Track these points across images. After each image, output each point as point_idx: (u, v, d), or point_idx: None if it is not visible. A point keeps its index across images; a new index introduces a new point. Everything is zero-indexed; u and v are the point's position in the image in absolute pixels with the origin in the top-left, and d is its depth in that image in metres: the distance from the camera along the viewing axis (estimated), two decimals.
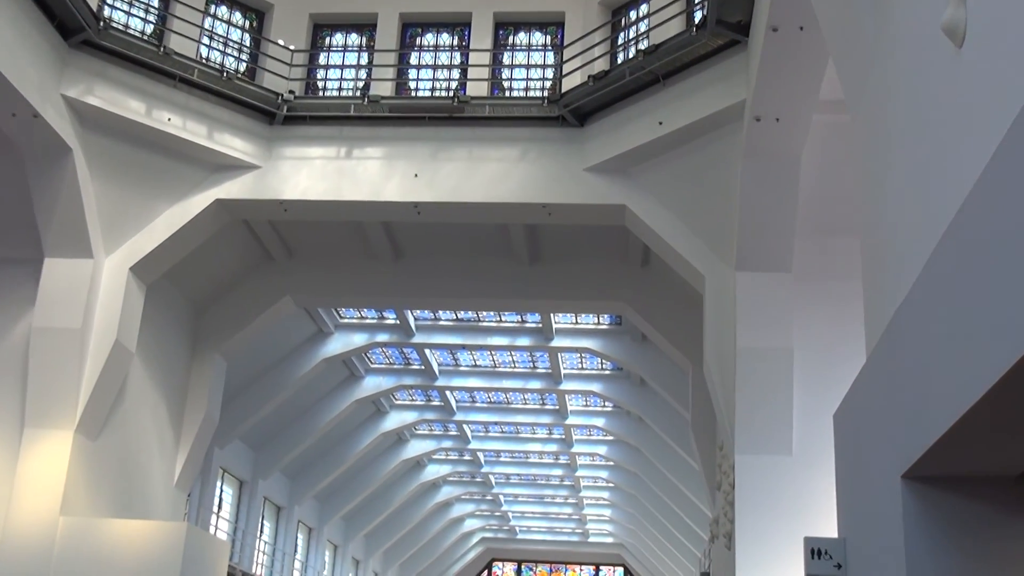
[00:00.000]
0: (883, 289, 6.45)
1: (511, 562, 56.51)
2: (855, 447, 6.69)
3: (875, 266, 6.73)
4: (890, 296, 6.18)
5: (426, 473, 39.82)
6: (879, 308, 6.51)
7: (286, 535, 33.05)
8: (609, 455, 36.12)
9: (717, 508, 16.00)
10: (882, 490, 5.82)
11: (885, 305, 6.29)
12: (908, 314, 5.44)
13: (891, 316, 5.85)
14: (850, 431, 6.86)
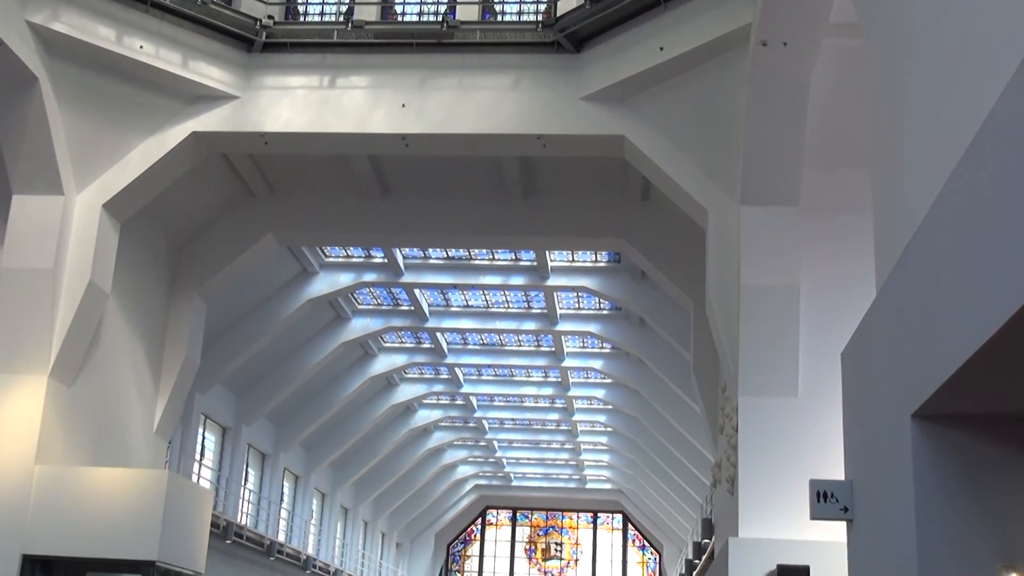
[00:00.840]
0: (894, 223, 6.48)
1: (506, 510, 57.11)
2: (863, 386, 6.77)
3: (886, 199, 6.75)
4: (901, 230, 6.21)
5: (417, 418, 40.09)
6: (889, 243, 6.55)
7: (272, 483, 33.34)
8: (607, 398, 36.37)
9: (720, 452, 16.15)
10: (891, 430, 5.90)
11: (896, 239, 6.33)
12: (919, 248, 5.48)
13: (902, 251, 5.89)
14: (858, 370, 6.93)
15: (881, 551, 6.30)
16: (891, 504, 5.98)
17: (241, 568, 29.06)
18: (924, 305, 5.33)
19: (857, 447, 6.97)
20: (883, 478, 6.22)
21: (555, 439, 44.47)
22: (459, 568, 57.14)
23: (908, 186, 6.20)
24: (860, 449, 6.88)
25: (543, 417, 41.14)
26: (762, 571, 12.91)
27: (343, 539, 41.61)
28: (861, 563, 6.88)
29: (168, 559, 16.44)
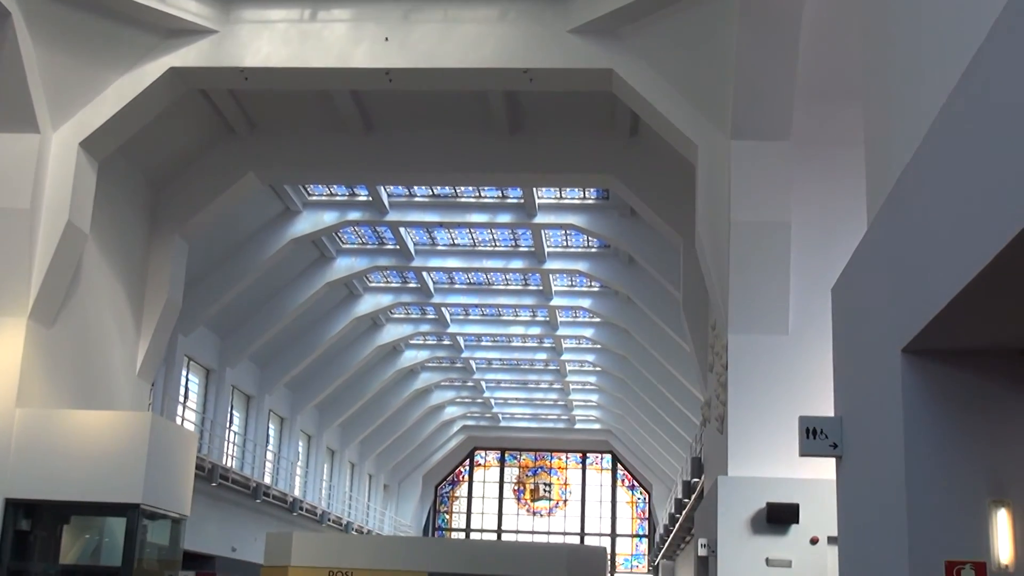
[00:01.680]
0: (885, 157, 6.49)
1: (494, 451, 57.54)
2: (853, 321, 6.82)
3: (877, 133, 6.76)
4: (892, 164, 6.22)
5: (403, 359, 40.23)
6: (881, 177, 6.56)
7: (257, 426, 33.51)
8: (596, 337, 36.53)
9: (709, 391, 16.27)
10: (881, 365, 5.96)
11: (887, 173, 6.34)
12: (911, 182, 5.50)
13: (893, 185, 5.91)
14: (848, 305, 6.98)
15: (870, 487, 6.39)
16: (881, 440, 6.05)
17: (227, 511, 29.28)
18: (915, 239, 5.36)
19: (847, 383, 7.04)
20: (873, 414, 6.28)
21: (543, 379, 44.71)
22: (447, 509, 57.68)
23: (899, 120, 6.20)
24: (850, 385, 6.95)
25: (531, 357, 41.31)
26: (751, 509, 13.07)
27: (330, 481, 41.92)
28: (850, 500, 6.98)
29: (152, 502, 16.55)
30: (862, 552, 6.60)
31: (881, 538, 6.07)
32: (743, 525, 13.09)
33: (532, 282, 33.07)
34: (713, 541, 13.48)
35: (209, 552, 27.11)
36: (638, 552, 56.12)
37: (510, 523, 56.84)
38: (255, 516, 31.44)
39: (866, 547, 6.48)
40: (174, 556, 18.14)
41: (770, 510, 12.87)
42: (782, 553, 12.88)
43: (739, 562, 12.99)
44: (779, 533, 12.96)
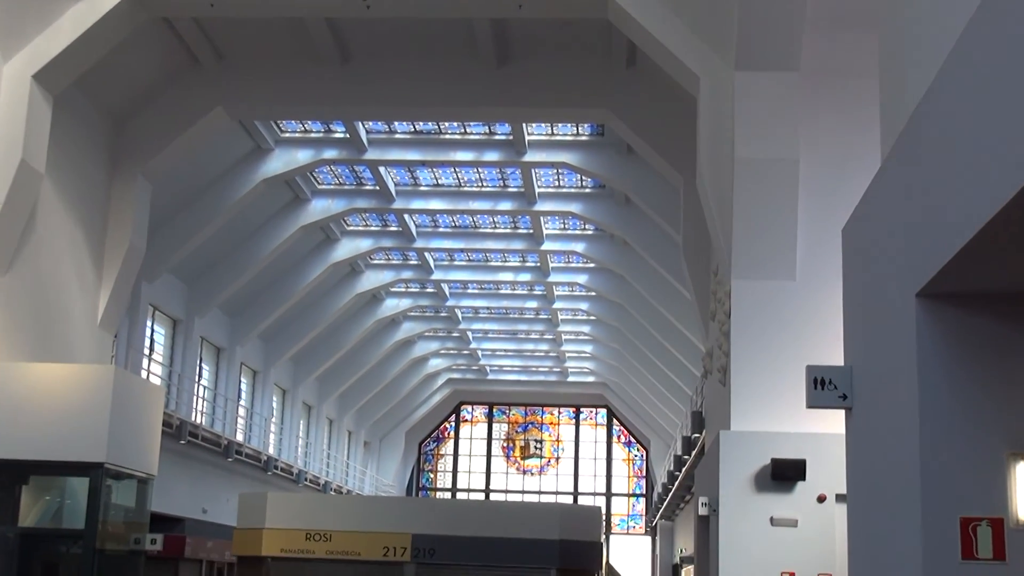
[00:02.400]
0: (901, 88, 6.47)
1: (481, 405, 57.77)
2: (865, 264, 6.83)
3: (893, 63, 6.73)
4: (908, 96, 6.21)
5: (384, 308, 40.25)
6: (895, 110, 6.55)
7: (228, 379, 33.57)
8: (590, 284, 36.56)
9: (711, 340, 16.32)
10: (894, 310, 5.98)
11: (902, 107, 6.33)
12: (927, 116, 5.49)
13: (908, 119, 5.90)
14: (860, 247, 6.99)
15: (881, 440, 6.43)
16: (893, 390, 6.09)
17: (197, 470, 29.41)
18: (931, 176, 5.36)
19: (857, 330, 7.07)
20: (885, 362, 6.31)
21: (534, 329, 44.81)
22: (432, 468, 58.01)
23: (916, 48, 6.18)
24: (861, 332, 6.98)
25: (521, 305, 41.36)
26: (755, 465, 13.16)
27: (306, 438, 42.08)
28: (860, 454, 7.03)
29: (117, 461, 16.61)
30: (872, 510, 6.66)
31: (892, 494, 6.13)
32: (746, 482, 13.18)
33: (522, 225, 33.03)
34: (714, 500, 13.58)
35: (178, 514, 27.25)
36: (635, 512, 56.60)
37: (499, 482, 57.21)
38: (227, 476, 31.58)
39: (876, 504, 6.54)
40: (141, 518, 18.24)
41: (775, 466, 12.96)
42: (788, 512, 12.99)
43: (742, 522, 13.10)
44: (784, 491, 13.07)
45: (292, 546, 19.62)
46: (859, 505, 7.07)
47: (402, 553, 19.49)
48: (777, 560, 12.91)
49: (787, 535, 12.95)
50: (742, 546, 13.07)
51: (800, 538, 12.91)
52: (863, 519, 6.92)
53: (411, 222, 32.79)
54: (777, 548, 12.93)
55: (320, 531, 19.59)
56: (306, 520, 19.79)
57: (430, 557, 19.53)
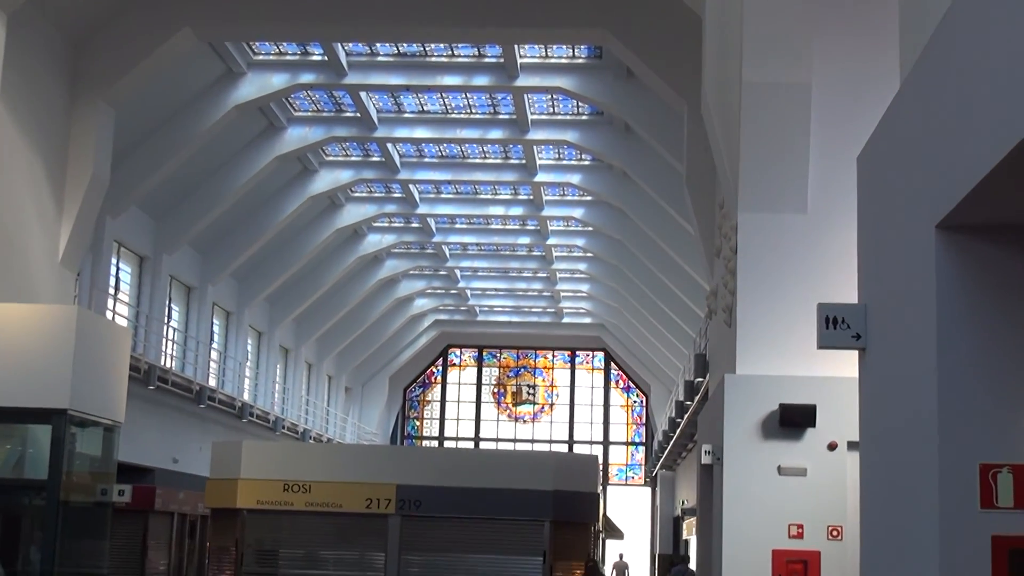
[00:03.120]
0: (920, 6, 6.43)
1: (470, 348, 57.91)
2: (881, 195, 6.82)
3: None
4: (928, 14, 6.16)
5: (366, 244, 40.23)
6: (915, 30, 6.51)
7: (199, 321, 33.58)
8: (587, 219, 36.53)
9: (716, 278, 16.32)
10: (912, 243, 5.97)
11: (922, 25, 6.29)
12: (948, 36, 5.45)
13: (928, 38, 5.86)
14: (876, 177, 6.97)
15: (897, 383, 6.45)
16: (910, 328, 6.10)
17: (167, 417, 29.50)
18: (953, 100, 5.33)
19: (872, 265, 7.07)
20: (901, 299, 6.32)
21: (526, 267, 44.82)
22: (417, 415, 58.27)
23: None
24: (876, 267, 6.98)
25: (512, 241, 41.33)
26: (763, 411, 13.21)
27: (283, 384, 42.20)
28: (874, 397, 7.06)
29: (81, 407, 16.63)
30: (887, 457, 6.70)
31: (908, 440, 6.15)
32: (753, 429, 13.24)
33: (513, 155, 32.94)
34: (719, 448, 13.65)
35: (147, 464, 27.36)
36: (634, 462, 56.97)
37: (489, 430, 57.51)
38: (199, 423, 31.69)
39: (891, 451, 6.57)
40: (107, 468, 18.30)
41: (783, 412, 13.02)
42: (796, 460, 13.06)
43: (748, 471, 13.18)
44: (793, 438, 13.13)
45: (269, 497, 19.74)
46: (872, 452, 7.11)
47: (386, 505, 19.62)
48: (785, 512, 13.00)
49: (796, 485, 13.03)
50: (748, 497, 13.15)
51: (809, 488, 12.99)
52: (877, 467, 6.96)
53: (394, 152, 32.67)
54: (785, 499, 13.01)
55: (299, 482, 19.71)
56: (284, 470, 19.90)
57: (416, 509, 19.68)
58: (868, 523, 7.21)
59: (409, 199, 36.49)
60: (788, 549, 12.97)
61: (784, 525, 13.00)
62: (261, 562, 20.13)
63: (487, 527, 19.81)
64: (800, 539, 12.95)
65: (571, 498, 20.01)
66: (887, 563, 6.64)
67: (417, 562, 19.85)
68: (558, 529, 19.80)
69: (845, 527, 12.77)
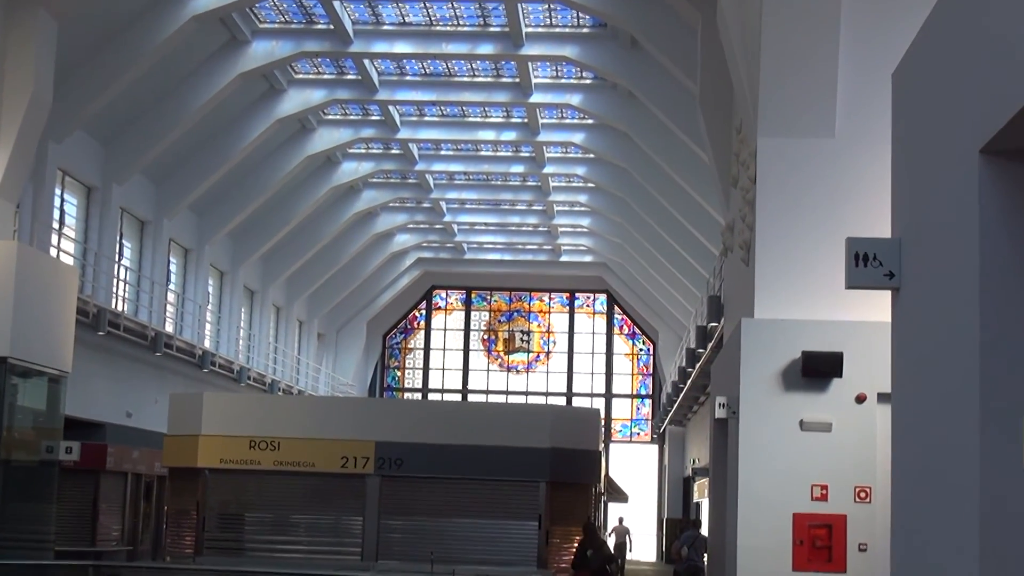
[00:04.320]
0: None
1: (457, 290, 57.93)
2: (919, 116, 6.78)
3: None
4: None
5: (341, 173, 40.07)
6: None
7: (154, 259, 33.53)
8: (588, 144, 36.41)
9: (732, 211, 16.31)
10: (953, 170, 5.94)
11: None
12: None
13: None
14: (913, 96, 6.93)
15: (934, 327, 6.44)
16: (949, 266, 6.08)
17: (119, 367, 29.53)
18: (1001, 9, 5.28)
19: (908, 195, 7.04)
20: (940, 233, 6.30)
21: (521, 198, 44.73)
22: (398, 365, 58.39)
23: None
24: (912, 198, 6.95)
25: (505, 170, 41.22)
26: (783, 359, 13.25)
27: (248, 330, 42.24)
28: (908, 344, 7.05)
29: (23, 355, 16.65)
30: (921, 409, 6.70)
31: (946, 391, 6.16)
32: (772, 380, 13.28)
33: (506, 72, 32.76)
34: (734, 400, 13.70)
35: (98, 418, 27.40)
36: (639, 416, 57.21)
37: (478, 381, 57.66)
38: (155, 373, 31.73)
39: (927, 403, 6.58)
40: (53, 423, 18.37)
41: (806, 361, 13.05)
42: (820, 414, 13.12)
43: (766, 426, 13.23)
44: (817, 389, 13.17)
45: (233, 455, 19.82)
46: (906, 405, 7.12)
47: (364, 464, 19.72)
48: (807, 471, 13.07)
49: (819, 441, 13.09)
50: (766, 454, 13.21)
51: (835, 445, 13.05)
52: (910, 420, 6.97)
53: (372, 69, 32.48)
54: (807, 457, 13.07)
55: (266, 438, 19.78)
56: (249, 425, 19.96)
57: (396, 468, 19.77)
58: (900, 483, 7.23)
59: (389, 122, 36.34)
60: (811, 513, 13.06)
61: (806, 486, 13.07)
62: (225, 527, 20.25)
63: (476, 489, 19.91)
64: (824, 501, 13.03)
65: (569, 456, 20.11)
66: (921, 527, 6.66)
67: (398, 527, 19.97)
68: (555, 491, 19.91)
69: (874, 488, 12.85)
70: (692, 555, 22.73)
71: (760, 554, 13.13)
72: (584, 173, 39.89)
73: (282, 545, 19.97)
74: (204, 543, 19.92)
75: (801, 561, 13.03)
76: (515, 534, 19.85)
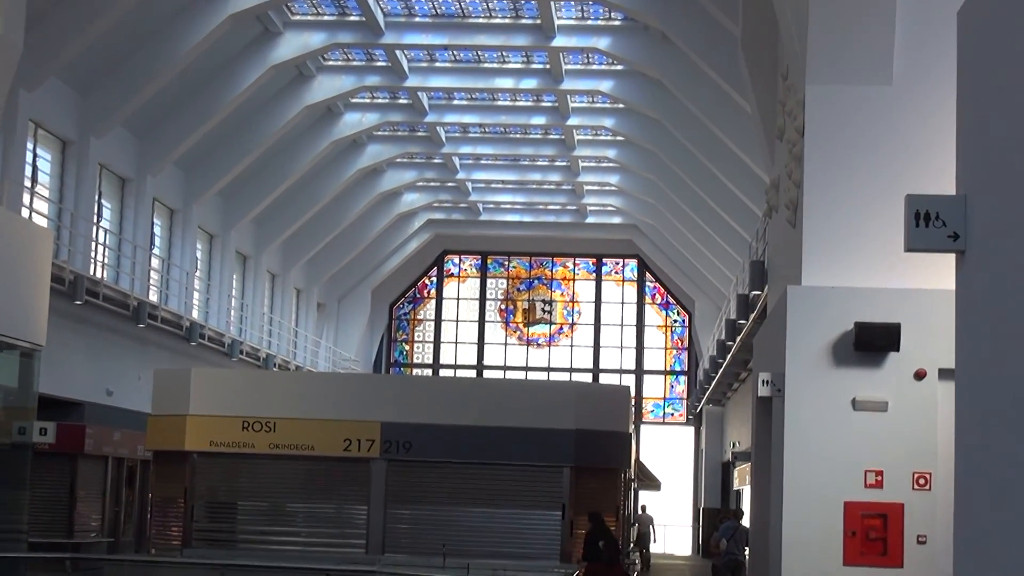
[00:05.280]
0: None
1: (472, 255, 57.94)
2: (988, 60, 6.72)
3: None
4: None
5: (343, 125, 40.00)
6: None
7: (137, 221, 33.55)
8: (616, 93, 36.30)
9: (777, 167, 16.26)
10: None
11: None
12: None
13: None
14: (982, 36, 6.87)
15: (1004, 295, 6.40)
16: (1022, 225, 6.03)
17: (98, 339, 29.60)
18: None
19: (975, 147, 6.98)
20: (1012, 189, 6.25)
21: (542, 153, 44.65)
22: (406, 338, 58.47)
23: None
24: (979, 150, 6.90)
25: (525, 120, 41.10)
26: (834, 331, 13.22)
27: (241, 299, 42.29)
28: (974, 313, 7.00)
29: None
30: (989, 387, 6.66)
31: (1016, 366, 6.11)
32: (822, 354, 13.25)
33: (526, 13, 32.70)
34: (779, 377, 13.67)
35: (75, 397, 27.51)
36: (673, 395, 57.28)
37: (495, 356, 57.74)
38: (138, 347, 31.80)
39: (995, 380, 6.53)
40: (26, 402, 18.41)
41: (860, 332, 13.01)
42: (875, 392, 13.09)
43: (815, 405, 13.21)
44: (872, 364, 13.14)
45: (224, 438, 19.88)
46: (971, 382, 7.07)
47: (368, 447, 19.75)
48: (860, 455, 13.04)
49: (874, 422, 13.06)
50: (815, 437, 13.19)
51: (891, 426, 13.02)
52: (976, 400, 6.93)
53: (377, 9, 32.42)
54: (860, 439, 13.05)
55: (260, 419, 19.84)
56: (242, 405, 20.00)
57: (405, 452, 19.80)
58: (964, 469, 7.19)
59: (396, 69, 36.28)
60: (864, 501, 13.04)
61: (859, 472, 13.05)
62: (215, 517, 20.32)
63: (493, 474, 19.94)
64: (879, 489, 13.01)
65: (596, 439, 20.11)
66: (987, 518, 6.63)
67: (406, 517, 20.04)
68: (580, 477, 19.93)
69: (935, 474, 12.82)
70: (732, 548, 22.77)
71: (807, 547, 13.11)
72: (612, 125, 39.81)
73: (278, 537, 20.04)
74: (192, 534, 20.00)
75: (853, 555, 13.00)
76: (536, 525, 19.89)
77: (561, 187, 49.15)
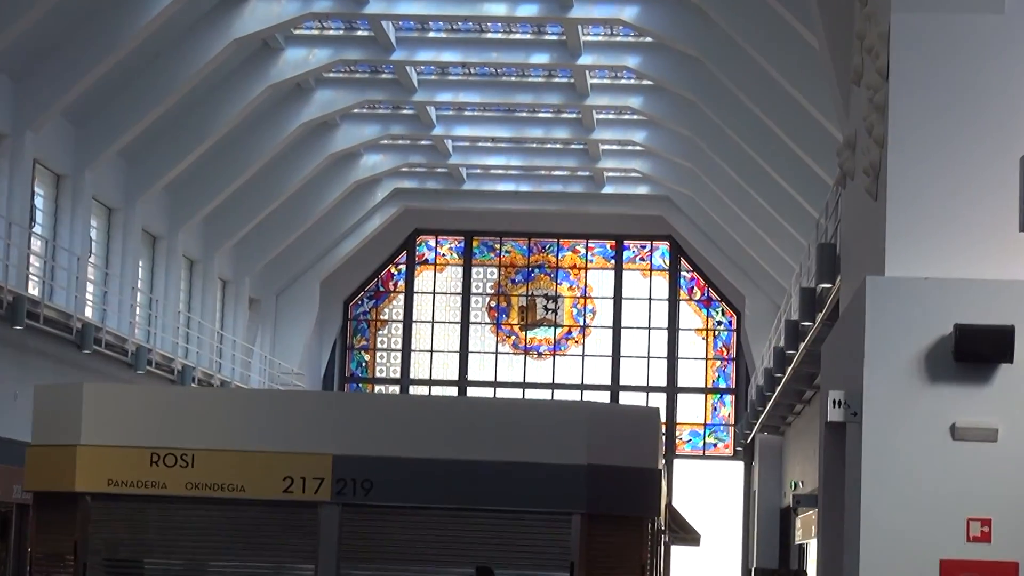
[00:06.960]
0: None
1: (453, 236, 57.88)
2: None
3: None
4: None
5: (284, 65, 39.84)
6: None
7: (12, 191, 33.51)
8: (640, 23, 36.20)
9: (854, 121, 16.29)
10: None
11: None
12: None
13: None
14: None
15: None
16: None
17: None
18: None
19: None
20: None
21: (545, 102, 44.61)
22: (367, 343, 58.44)
23: None
24: None
25: (523, 60, 41.03)
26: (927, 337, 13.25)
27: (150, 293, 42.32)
28: None
29: None
30: None
31: None
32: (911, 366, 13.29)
33: None
34: (855, 396, 13.71)
35: None
36: (717, 420, 57.42)
37: (483, 368, 57.79)
38: (14, 356, 31.85)
39: None
40: None
41: (961, 338, 13.03)
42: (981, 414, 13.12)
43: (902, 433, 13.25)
44: (976, 380, 13.17)
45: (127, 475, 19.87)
46: None
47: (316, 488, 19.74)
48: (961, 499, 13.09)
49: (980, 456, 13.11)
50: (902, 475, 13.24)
51: (1002, 461, 13.07)
52: None
53: None
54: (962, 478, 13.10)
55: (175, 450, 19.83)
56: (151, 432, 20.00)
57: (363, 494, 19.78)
58: None
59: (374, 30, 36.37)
60: (967, 560, 13.08)
61: (960, 520, 13.09)
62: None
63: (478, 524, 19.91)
64: (986, 543, 13.05)
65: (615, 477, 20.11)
66: None
67: None
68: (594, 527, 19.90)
69: None
70: None
71: None
72: (637, 65, 39.71)
73: None
74: None
75: None
76: None
77: (570, 147, 49.19)
